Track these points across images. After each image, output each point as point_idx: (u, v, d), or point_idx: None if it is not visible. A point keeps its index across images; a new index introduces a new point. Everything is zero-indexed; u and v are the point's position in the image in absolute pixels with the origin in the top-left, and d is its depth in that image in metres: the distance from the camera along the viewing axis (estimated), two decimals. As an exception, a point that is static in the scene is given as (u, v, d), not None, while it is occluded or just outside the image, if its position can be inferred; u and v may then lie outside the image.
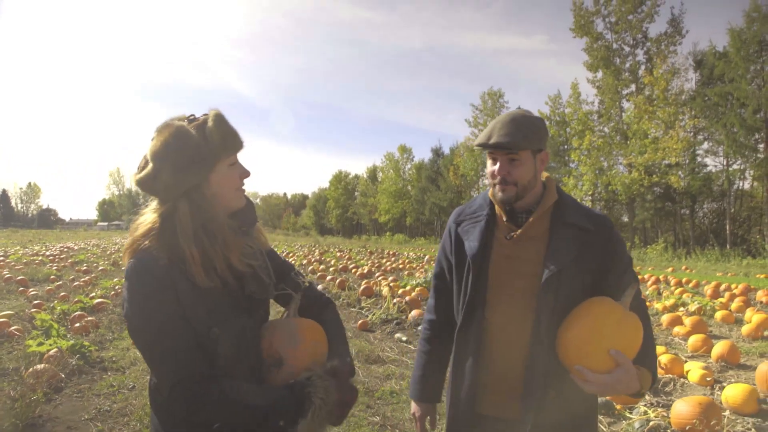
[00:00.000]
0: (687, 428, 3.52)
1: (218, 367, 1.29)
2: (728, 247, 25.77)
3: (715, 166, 28.76)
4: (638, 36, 29.63)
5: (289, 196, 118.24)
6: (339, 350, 1.48)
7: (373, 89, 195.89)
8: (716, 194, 29.44)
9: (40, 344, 5.17)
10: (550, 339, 1.53)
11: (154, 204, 1.35)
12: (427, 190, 51.51)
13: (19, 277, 11.77)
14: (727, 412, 3.94)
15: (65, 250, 23.92)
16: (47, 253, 20.82)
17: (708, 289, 11.32)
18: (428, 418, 1.92)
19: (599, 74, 30.75)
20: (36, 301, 8.52)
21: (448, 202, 46.65)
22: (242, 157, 1.41)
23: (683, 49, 32.40)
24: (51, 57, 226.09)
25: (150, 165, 1.28)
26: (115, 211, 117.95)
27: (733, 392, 4.08)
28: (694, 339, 6.23)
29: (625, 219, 32.10)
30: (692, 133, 27.27)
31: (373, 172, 68.73)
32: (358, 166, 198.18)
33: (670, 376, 4.93)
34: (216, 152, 1.29)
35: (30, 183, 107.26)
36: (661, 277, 14.64)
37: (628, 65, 30.42)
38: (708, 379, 4.68)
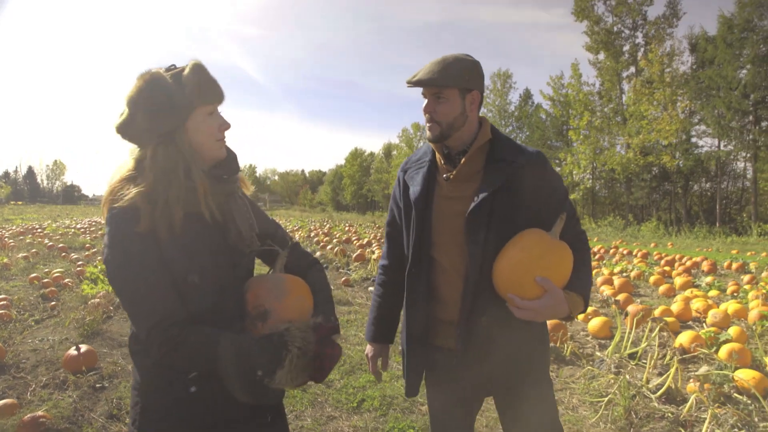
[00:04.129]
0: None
1: (196, 315, 1.29)
2: (717, 225, 26.82)
3: (708, 147, 29.65)
4: (638, 19, 30.33)
5: (307, 173, 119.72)
6: (323, 308, 1.49)
7: (390, 65, 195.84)
8: (711, 174, 30.40)
9: (92, 288, 6.87)
10: (482, 271, 1.60)
11: (133, 150, 1.37)
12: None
13: (60, 245, 13.52)
14: (590, 337, 5.51)
15: (94, 223, 25.72)
16: (78, 226, 22.67)
17: (663, 261, 12.61)
18: (380, 358, 2.00)
19: (600, 56, 31.59)
20: (79, 263, 10.27)
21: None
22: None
23: (679, 32, 32.69)
24: (68, 37, 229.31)
25: (126, 111, 1.30)
26: None
27: (593, 323, 5.61)
28: (621, 297, 7.16)
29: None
30: (685, 115, 28.09)
31: (388, 149, 69.90)
32: (375, 144, 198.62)
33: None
34: (191, 100, 1.30)
35: (56, 160, 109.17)
36: (635, 251, 15.16)
37: (627, 48, 31.19)
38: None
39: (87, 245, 14.34)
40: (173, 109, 1.29)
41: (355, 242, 16.98)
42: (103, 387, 3.97)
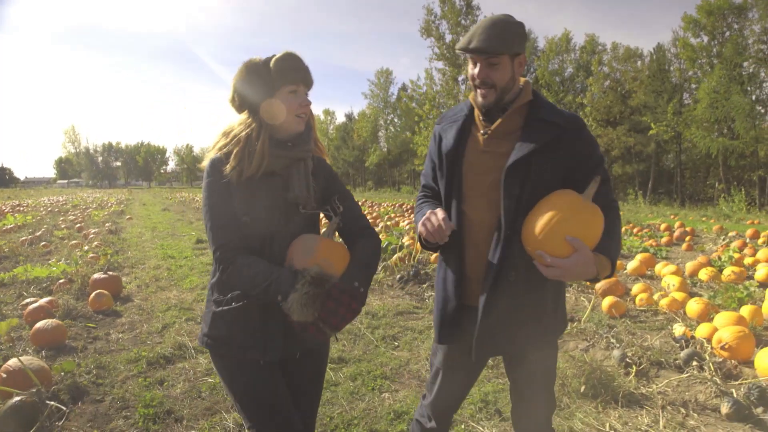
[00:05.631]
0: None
1: (250, 248, 1.62)
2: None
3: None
4: (468, 37, 39.92)
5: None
6: (353, 274, 1.63)
7: (319, 32, 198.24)
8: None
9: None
10: (515, 227, 1.62)
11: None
12: (340, 148, 62.21)
13: (78, 225, 14.40)
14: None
15: (56, 202, 28.37)
16: (40, 208, 23.69)
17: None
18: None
19: (440, 64, 41.20)
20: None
21: (354, 157, 57.83)
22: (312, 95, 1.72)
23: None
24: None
25: (232, 88, 1.66)
26: (73, 169, 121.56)
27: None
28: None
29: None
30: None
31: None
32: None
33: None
34: (276, 79, 1.61)
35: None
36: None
37: (462, 58, 40.75)
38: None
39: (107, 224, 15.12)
40: (262, 86, 1.62)
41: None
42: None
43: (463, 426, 2.98)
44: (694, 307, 5.03)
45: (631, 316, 5.16)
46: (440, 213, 1.67)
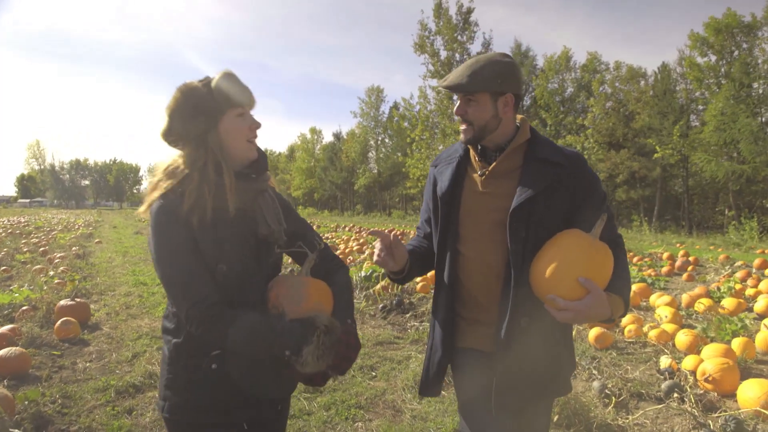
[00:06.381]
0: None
1: (227, 300, 1.51)
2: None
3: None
4: (464, 54, 40.82)
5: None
6: (344, 313, 1.66)
7: (302, 46, 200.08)
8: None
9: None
10: (523, 270, 1.66)
11: (176, 151, 1.62)
12: (327, 169, 62.62)
13: (42, 248, 14.62)
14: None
15: (18, 223, 27.82)
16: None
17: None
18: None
19: (434, 82, 41.96)
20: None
21: (342, 179, 58.16)
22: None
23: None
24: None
25: (166, 120, 1.56)
26: (36, 188, 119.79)
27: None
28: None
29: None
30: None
31: (291, 151, 79.13)
32: (294, 132, 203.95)
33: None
34: (220, 103, 1.55)
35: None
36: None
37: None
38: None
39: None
40: (204, 114, 1.54)
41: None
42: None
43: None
44: (682, 338, 5.26)
45: (619, 348, 5.40)
46: (384, 241, 1.76)
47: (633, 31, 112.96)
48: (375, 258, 1.77)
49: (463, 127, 1.77)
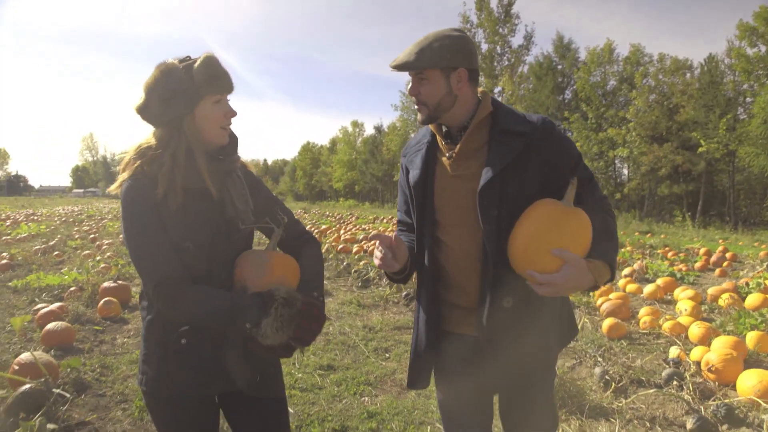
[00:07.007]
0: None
1: (193, 278, 1.54)
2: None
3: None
4: (504, 47, 40.41)
5: (270, 162, 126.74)
6: (309, 284, 1.69)
7: (348, 39, 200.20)
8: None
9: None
10: (499, 250, 1.61)
11: (150, 129, 1.62)
12: (368, 162, 63.06)
13: (91, 235, 15.69)
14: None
15: (71, 212, 30.03)
16: (54, 217, 25.46)
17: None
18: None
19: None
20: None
21: (383, 172, 58.46)
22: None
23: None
24: (20, 17, 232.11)
25: (143, 96, 1.55)
26: (89, 178, 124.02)
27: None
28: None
29: None
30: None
31: (333, 143, 79.75)
32: (336, 125, 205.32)
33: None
34: (199, 89, 1.54)
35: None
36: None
37: (498, 69, 41.31)
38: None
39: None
40: (182, 97, 1.52)
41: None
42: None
43: None
44: (695, 330, 5.31)
45: (632, 339, 5.47)
46: (385, 243, 1.70)
47: (678, 23, 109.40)
48: (377, 262, 1.71)
49: (417, 107, 1.72)
